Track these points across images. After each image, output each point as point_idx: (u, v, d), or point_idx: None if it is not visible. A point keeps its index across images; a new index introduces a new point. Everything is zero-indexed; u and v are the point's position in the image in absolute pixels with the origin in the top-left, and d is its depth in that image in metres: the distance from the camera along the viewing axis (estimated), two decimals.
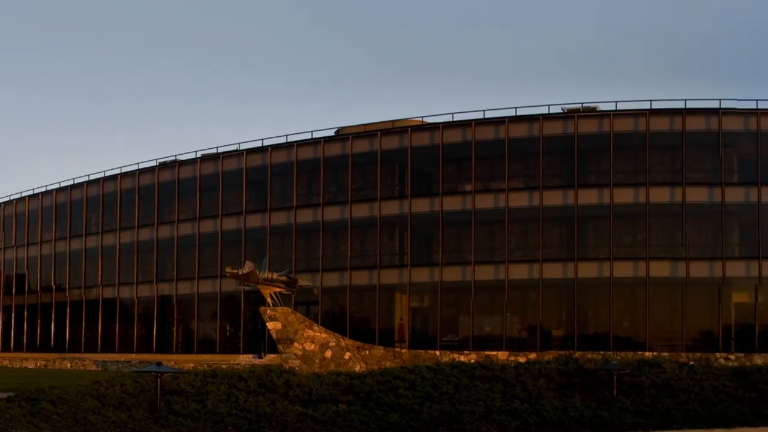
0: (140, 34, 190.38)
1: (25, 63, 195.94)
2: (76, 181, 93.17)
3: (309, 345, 63.21)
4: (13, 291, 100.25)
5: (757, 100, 68.55)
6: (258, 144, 79.97)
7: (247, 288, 69.26)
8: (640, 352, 64.35)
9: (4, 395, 49.28)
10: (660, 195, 68.88)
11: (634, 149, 69.87)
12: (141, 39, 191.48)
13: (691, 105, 69.00)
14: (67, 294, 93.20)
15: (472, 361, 63.68)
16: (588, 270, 69.70)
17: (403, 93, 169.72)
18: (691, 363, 62.37)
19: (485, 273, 71.21)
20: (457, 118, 72.66)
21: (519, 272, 70.66)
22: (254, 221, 79.50)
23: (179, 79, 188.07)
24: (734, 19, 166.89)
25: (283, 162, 78.36)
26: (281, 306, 64.70)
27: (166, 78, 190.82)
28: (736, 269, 68.77)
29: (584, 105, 71.01)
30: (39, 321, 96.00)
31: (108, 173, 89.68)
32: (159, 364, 60.08)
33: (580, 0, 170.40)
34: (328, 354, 63.37)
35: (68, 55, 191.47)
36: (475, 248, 71.25)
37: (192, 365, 67.96)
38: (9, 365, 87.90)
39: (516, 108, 71.55)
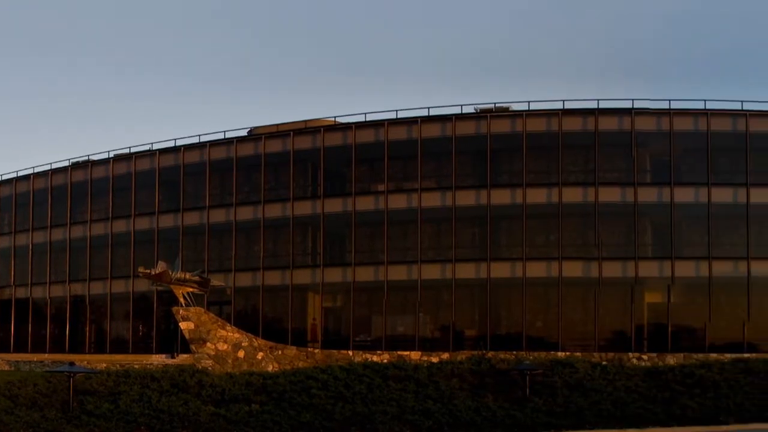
0: (51, 33, 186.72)
1: None
2: None
3: (222, 345, 62.47)
4: None
5: (669, 100, 67.88)
6: (171, 144, 78.05)
7: (160, 288, 68.27)
8: (552, 352, 63.91)
9: None
10: (573, 195, 67.79)
11: (547, 149, 68.64)
12: (53, 38, 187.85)
13: (604, 105, 68.01)
14: None
15: (385, 361, 63.15)
16: (501, 270, 68.46)
17: (316, 93, 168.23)
18: (604, 363, 61.90)
19: (398, 273, 69.83)
20: (370, 118, 71.26)
21: (432, 272, 69.33)
22: (167, 221, 77.43)
23: (92, 79, 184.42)
24: (647, 19, 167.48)
25: (195, 162, 76.49)
26: (194, 306, 63.89)
27: (79, 78, 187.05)
28: (648, 269, 67.99)
29: (497, 105, 69.72)
30: None
31: (21, 173, 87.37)
32: (72, 364, 58.90)
33: None
34: (241, 354, 62.63)
35: None
36: (387, 248, 69.76)
37: (105, 365, 66.14)
38: None
39: (429, 108, 70.46)
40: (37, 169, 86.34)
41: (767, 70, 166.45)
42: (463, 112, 69.79)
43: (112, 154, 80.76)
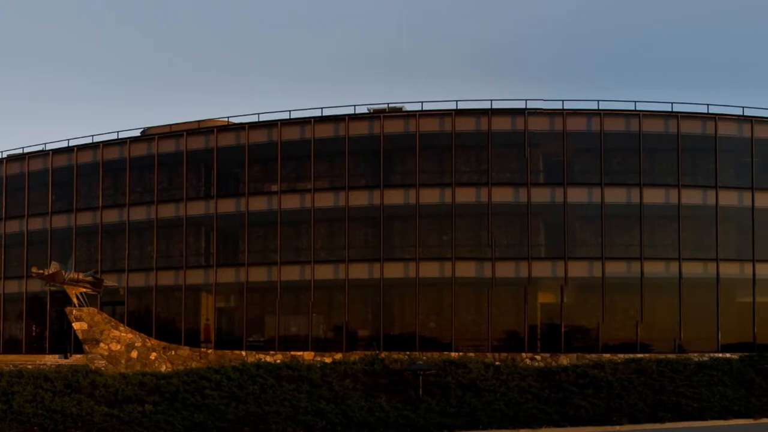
0: None
1: None
2: None
3: (115, 345, 61.24)
4: None
5: (563, 101, 66.94)
6: (64, 144, 75.74)
7: (53, 288, 66.54)
8: (446, 353, 62.95)
9: None
10: (466, 195, 66.62)
11: (440, 149, 67.52)
12: None
13: (497, 105, 66.84)
14: None
15: (278, 361, 62.09)
16: (394, 270, 67.12)
17: (210, 93, 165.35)
18: (497, 363, 61.00)
19: (291, 273, 68.30)
20: (263, 118, 69.61)
21: (325, 272, 67.91)
22: (60, 221, 75.23)
23: None
24: (541, 19, 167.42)
25: (89, 162, 74.35)
26: (87, 306, 62.46)
27: None
28: (541, 269, 67.10)
29: (390, 105, 68.29)
30: None
31: None
32: None
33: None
34: (134, 354, 61.47)
35: None
36: (280, 248, 68.16)
37: None
38: None
39: (322, 108, 68.90)
40: None
41: (660, 70, 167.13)
42: (357, 112, 68.40)
43: (5, 155, 78.46)
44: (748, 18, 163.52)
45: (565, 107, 66.88)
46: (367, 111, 68.52)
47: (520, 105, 66.96)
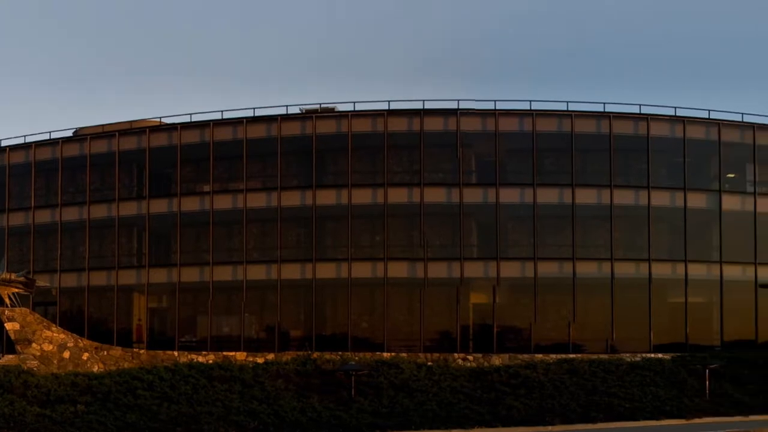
0: None
1: None
2: None
3: (47, 346, 60.66)
4: None
5: (495, 101, 66.44)
6: None
7: None
8: (378, 353, 62.55)
9: None
10: (398, 195, 66.13)
11: (372, 150, 67.07)
12: None
13: (429, 105, 66.46)
14: None
15: (211, 361, 61.72)
16: (326, 270, 66.53)
17: (143, 93, 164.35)
18: (430, 364, 60.64)
19: (223, 273, 67.63)
20: (196, 118, 68.90)
21: (257, 273, 67.27)
22: None
23: None
24: (472, 21, 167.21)
25: (21, 162, 73.42)
26: (19, 307, 61.74)
27: None
28: (474, 270, 66.55)
29: (322, 106, 67.82)
30: None
31: None
32: None
33: (320, 1, 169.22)
34: (66, 354, 60.93)
35: None
36: (213, 249, 67.47)
37: None
38: None
39: (254, 109, 68.21)
40: None
41: (592, 71, 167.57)
42: (289, 113, 67.81)
43: None
44: (679, 18, 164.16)
45: (497, 108, 66.50)
46: (299, 111, 68.03)
47: (453, 105, 66.63)
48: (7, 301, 62.33)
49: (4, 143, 74.84)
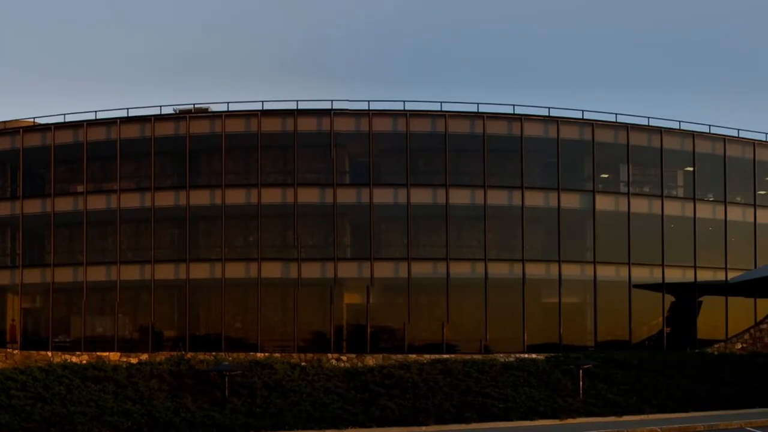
0: None
1: None
2: None
3: None
4: None
5: (368, 101, 65.76)
6: None
7: None
8: (252, 353, 61.88)
9: None
10: (272, 196, 65.31)
11: (246, 150, 66.30)
12: None
13: (303, 106, 65.46)
14: None
15: (84, 362, 60.90)
16: (200, 271, 65.44)
17: (16, 94, 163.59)
18: (303, 364, 60.06)
19: (97, 274, 66.35)
20: (70, 119, 67.50)
21: (131, 273, 66.03)
22: None
23: None
24: (345, 21, 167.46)
25: None
26: None
27: None
28: (347, 270, 65.69)
29: (196, 106, 66.87)
30: None
31: None
32: None
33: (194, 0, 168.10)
34: None
35: None
36: (86, 249, 66.37)
37: None
38: None
39: (128, 109, 66.98)
40: None
41: (466, 73, 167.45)
42: (163, 113, 66.76)
43: None
44: (553, 19, 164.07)
45: (371, 108, 65.79)
46: (173, 112, 67.13)
47: (327, 106, 65.72)
48: None
49: None
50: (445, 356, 62.41)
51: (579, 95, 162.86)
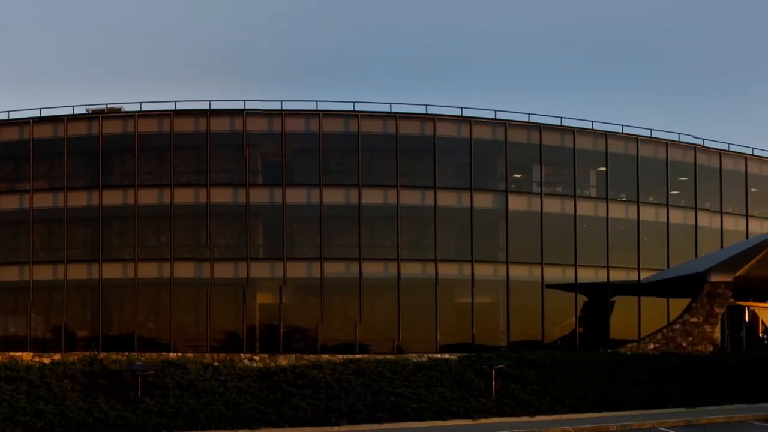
0: None
1: None
2: None
3: None
4: None
5: (281, 101, 65.39)
6: None
7: None
8: (165, 353, 61.04)
9: None
10: (184, 196, 64.95)
11: (159, 150, 65.57)
12: None
13: (216, 106, 65.10)
14: None
15: None
16: (113, 271, 65.01)
17: None
18: (216, 364, 59.45)
19: (10, 274, 65.91)
20: None
21: (43, 273, 65.57)
22: None
23: None
24: (256, 19, 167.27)
25: None
26: None
27: None
28: (260, 270, 65.41)
29: (109, 106, 66.17)
30: None
31: None
32: None
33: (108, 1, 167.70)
34: None
35: None
36: None
37: None
38: None
39: (41, 109, 66.50)
40: None
41: (379, 71, 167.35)
42: (76, 113, 66.22)
43: None
44: (465, 19, 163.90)
45: (283, 108, 65.48)
46: (86, 112, 66.69)
47: (239, 106, 65.41)
48: None
49: None
50: (358, 356, 61.77)
51: (492, 95, 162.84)
